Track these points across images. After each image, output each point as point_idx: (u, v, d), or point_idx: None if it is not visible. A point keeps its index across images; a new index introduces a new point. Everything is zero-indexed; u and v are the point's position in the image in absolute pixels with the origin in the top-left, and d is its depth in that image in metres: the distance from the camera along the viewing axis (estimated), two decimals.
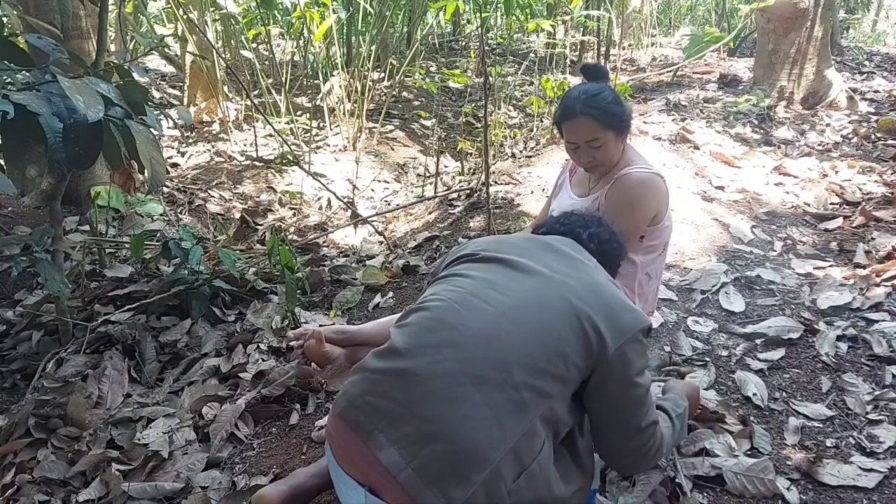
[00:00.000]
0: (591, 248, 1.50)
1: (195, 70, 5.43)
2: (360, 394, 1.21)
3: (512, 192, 3.79)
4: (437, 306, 1.29)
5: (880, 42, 11.19)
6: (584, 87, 2.01)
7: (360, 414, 1.18)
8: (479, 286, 1.31)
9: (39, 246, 2.24)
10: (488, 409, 1.13)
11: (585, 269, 1.39)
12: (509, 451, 1.13)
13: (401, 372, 1.20)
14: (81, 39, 3.35)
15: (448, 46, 8.91)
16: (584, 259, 1.43)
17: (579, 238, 1.52)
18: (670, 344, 2.26)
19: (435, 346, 1.21)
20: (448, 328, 1.23)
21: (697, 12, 10.92)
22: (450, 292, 1.32)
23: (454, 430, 1.12)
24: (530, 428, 1.16)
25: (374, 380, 1.22)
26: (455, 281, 1.36)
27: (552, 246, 1.44)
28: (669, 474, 1.65)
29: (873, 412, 1.86)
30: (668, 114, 5.10)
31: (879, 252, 2.95)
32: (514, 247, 1.43)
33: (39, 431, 2.03)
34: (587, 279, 1.35)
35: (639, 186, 2.01)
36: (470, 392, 1.14)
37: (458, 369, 1.17)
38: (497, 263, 1.38)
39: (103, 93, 1.75)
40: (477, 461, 1.10)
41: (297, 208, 4.45)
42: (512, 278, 1.33)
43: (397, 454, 1.11)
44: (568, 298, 1.28)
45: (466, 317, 1.24)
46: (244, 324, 2.61)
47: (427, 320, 1.27)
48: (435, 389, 1.15)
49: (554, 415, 1.22)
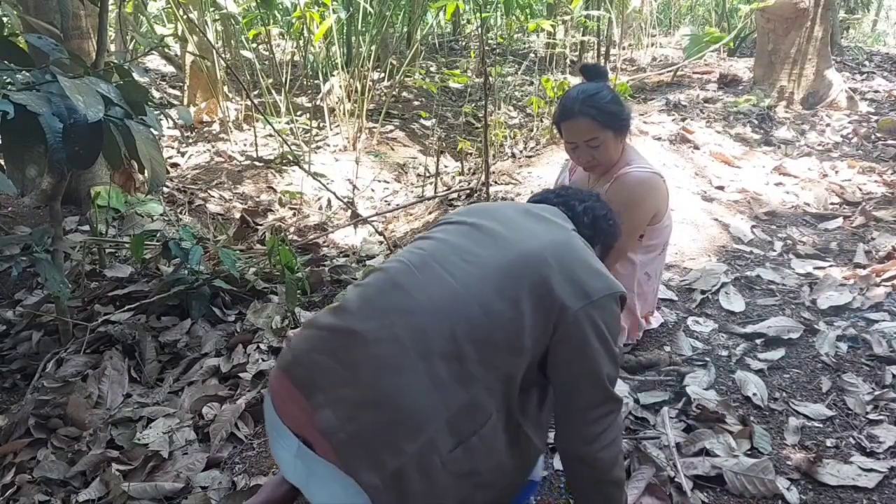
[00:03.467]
0: (584, 220, 1.48)
1: (195, 70, 5.43)
2: (307, 350, 1.21)
3: (512, 192, 3.79)
4: (395, 268, 1.28)
5: (880, 42, 11.19)
6: (582, 87, 2.01)
7: (304, 370, 1.19)
8: (443, 250, 1.30)
9: (39, 246, 2.24)
10: (428, 379, 1.13)
11: (558, 232, 1.36)
12: (445, 423, 1.13)
13: (349, 332, 1.19)
14: (81, 39, 3.35)
15: (448, 46, 8.91)
16: (561, 223, 1.41)
17: (574, 210, 1.49)
18: (670, 344, 2.26)
19: (385, 309, 1.20)
20: (402, 292, 1.22)
21: (697, 12, 10.91)
22: (412, 254, 1.31)
23: (391, 398, 1.12)
24: (472, 400, 1.16)
25: (321, 337, 1.22)
26: (421, 243, 1.35)
27: (531, 212, 1.43)
28: (669, 474, 1.65)
29: (873, 412, 1.86)
30: (668, 114, 5.10)
31: (879, 252, 2.95)
32: (494, 213, 1.40)
33: (39, 431, 2.03)
34: (558, 241, 1.32)
35: (638, 186, 2.01)
36: (413, 361, 1.14)
37: (405, 336, 1.16)
38: (468, 227, 1.36)
39: (103, 93, 1.75)
40: (411, 431, 1.11)
41: (297, 208, 4.45)
42: (479, 243, 1.30)
43: (333, 416, 1.11)
44: (531, 266, 1.25)
45: (422, 282, 1.23)
46: (244, 324, 2.61)
47: (383, 282, 1.26)
48: (378, 355, 1.15)
49: (507, 388, 1.21)
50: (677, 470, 1.66)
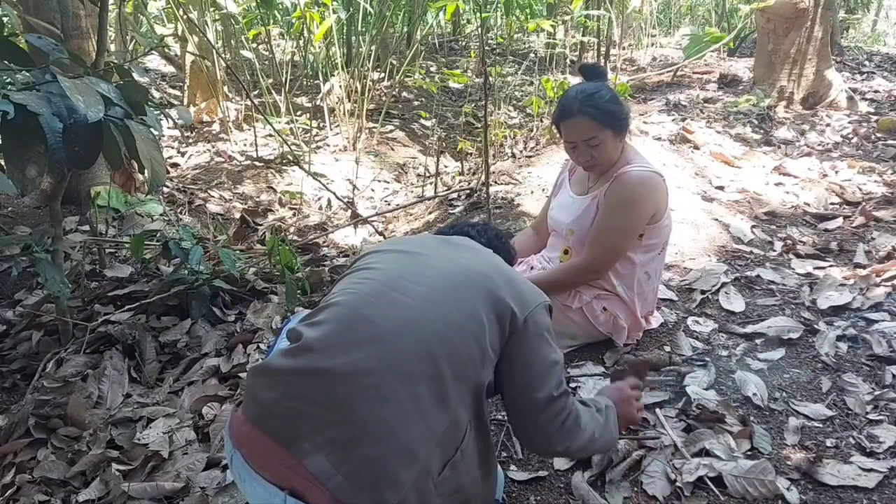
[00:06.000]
0: (481, 241, 1.57)
1: (195, 70, 5.43)
2: (277, 398, 1.14)
3: (512, 192, 3.79)
4: (349, 301, 1.24)
5: (880, 42, 11.20)
6: (581, 87, 2.01)
7: (279, 420, 1.12)
8: (390, 277, 1.29)
9: (39, 246, 2.24)
10: (413, 405, 1.12)
11: (483, 255, 1.44)
12: (435, 446, 1.13)
13: (321, 371, 1.14)
14: (81, 39, 3.35)
15: (448, 46, 8.91)
16: (478, 248, 1.49)
17: (468, 234, 1.60)
18: (670, 344, 2.26)
19: (355, 342, 1.16)
20: (367, 323, 1.19)
21: (697, 12, 10.91)
22: (361, 285, 1.28)
23: (382, 431, 1.09)
24: (454, 418, 1.16)
25: (289, 382, 1.15)
26: (362, 274, 1.33)
27: (449, 241, 1.49)
28: (670, 475, 1.65)
29: (873, 412, 1.86)
30: (668, 114, 5.10)
31: (879, 252, 2.95)
32: (415, 243, 1.48)
33: (39, 431, 2.03)
34: (490, 262, 1.40)
35: (638, 185, 2.01)
36: (395, 389, 1.12)
37: (382, 367, 1.13)
38: (403, 254, 1.39)
39: (103, 93, 1.75)
40: (406, 461, 1.09)
41: (297, 208, 4.45)
42: (420, 266, 1.33)
43: (325, 461, 1.07)
44: (475, 279, 1.29)
45: (384, 309, 1.21)
46: (244, 324, 2.60)
47: (343, 316, 1.21)
48: (359, 389, 1.12)
49: (475, 397, 1.22)
50: (677, 471, 1.65)
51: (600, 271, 2.12)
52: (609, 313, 2.15)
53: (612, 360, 2.15)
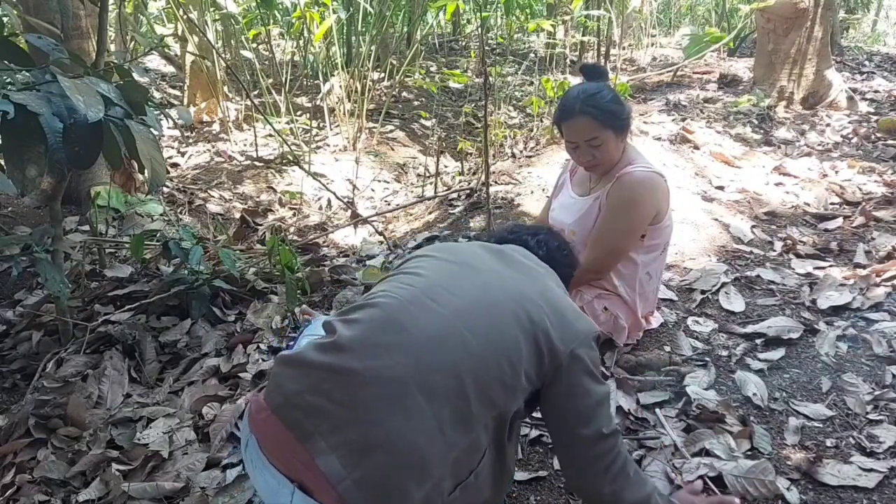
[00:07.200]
0: (539, 254, 1.49)
1: (195, 70, 5.44)
2: (299, 391, 1.14)
3: (512, 192, 3.79)
4: (387, 304, 1.22)
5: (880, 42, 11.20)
6: (582, 87, 2.01)
7: (299, 413, 1.12)
8: (432, 286, 1.26)
9: (39, 246, 2.24)
10: (435, 422, 1.10)
11: (536, 275, 1.38)
12: (449, 466, 1.11)
13: (346, 371, 1.13)
14: (81, 39, 3.35)
15: (448, 46, 8.91)
16: (534, 265, 1.42)
17: (527, 245, 1.52)
18: (670, 344, 2.26)
19: (385, 347, 1.15)
20: (399, 329, 1.17)
21: (697, 12, 10.92)
22: (402, 290, 1.26)
23: (399, 442, 1.07)
24: (473, 440, 1.14)
25: (315, 376, 1.14)
26: (406, 279, 1.30)
27: (504, 253, 1.42)
28: (670, 475, 1.65)
29: (873, 412, 1.86)
30: (668, 114, 5.10)
31: (879, 252, 2.95)
32: (466, 252, 1.41)
33: (39, 431, 2.03)
34: (538, 284, 1.34)
35: (640, 185, 2.01)
36: (418, 403, 1.10)
37: (408, 377, 1.11)
38: (450, 264, 1.35)
39: (103, 93, 1.75)
40: (419, 476, 1.07)
41: (297, 208, 4.45)
42: (465, 280, 1.29)
43: (338, 462, 1.06)
44: (520, 302, 1.25)
45: (419, 318, 1.19)
46: (244, 324, 2.61)
47: (377, 318, 1.20)
48: (381, 396, 1.10)
49: (498, 425, 1.20)
50: (677, 470, 1.66)
51: (602, 272, 2.12)
52: (610, 313, 2.15)
53: (612, 360, 2.15)
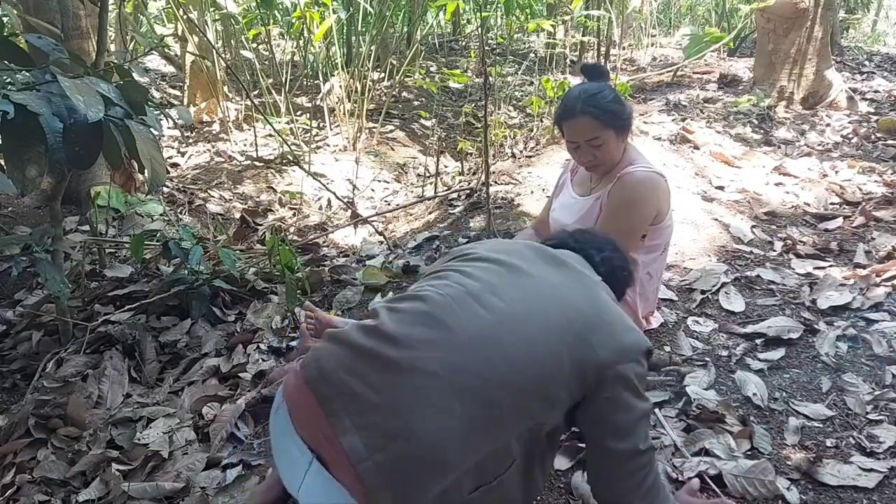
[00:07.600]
0: (600, 271, 1.45)
1: (195, 70, 5.44)
2: (335, 368, 1.15)
3: (512, 192, 3.79)
4: (434, 299, 1.22)
5: (880, 42, 11.20)
6: (583, 87, 2.01)
7: (331, 389, 1.13)
8: (480, 288, 1.25)
9: (39, 246, 2.24)
10: (464, 422, 1.09)
11: (590, 285, 1.35)
12: (472, 467, 1.11)
13: (384, 358, 1.14)
14: (81, 39, 3.35)
15: (448, 46, 8.91)
16: (589, 274, 1.39)
17: (591, 259, 1.47)
18: (670, 344, 2.26)
19: (426, 342, 1.15)
20: (442, 326, 1.17)
21: (697, 12, 10.92)
22: (449, 288, 1.25)
23: (424, 435, 1.07)
24: (503, 446, 1.14)
25: (353, 357, 1.16)
26: (455, 277, 1.30)
27: (558, 258, 1.39)
28: (670, 475, 1.65)
29: (873, 412, 1.86)
30: (668, 114, 5.10)
31: (879, 252, 2.95)
32: (519, 254, 1.38)
33: (39, 431, 2.03)
34: (591, 295, 1.31)
35: (640, 185, 2.01)
36: (449, 401, 1.10)
37: (443, 374, 1.12)
38: (500, 266, 1.32)
39: (103, 93, 1.75)
40: (440, 471, 1.07)
41: (297, 208, 4.45)
42: (514, 285, 1.27)
43: (360, 443, 1.07)
44: (567, 314, 1.23)
45: (462, 318, 1.19)
46: (244, 324, 2.61)
47: (421, 312, 1.20)
48: (414, 387, 1.11)
49: (533, 436, 1.19)
50: (678, 470, 1.65)
51: None
52: None
53: None
